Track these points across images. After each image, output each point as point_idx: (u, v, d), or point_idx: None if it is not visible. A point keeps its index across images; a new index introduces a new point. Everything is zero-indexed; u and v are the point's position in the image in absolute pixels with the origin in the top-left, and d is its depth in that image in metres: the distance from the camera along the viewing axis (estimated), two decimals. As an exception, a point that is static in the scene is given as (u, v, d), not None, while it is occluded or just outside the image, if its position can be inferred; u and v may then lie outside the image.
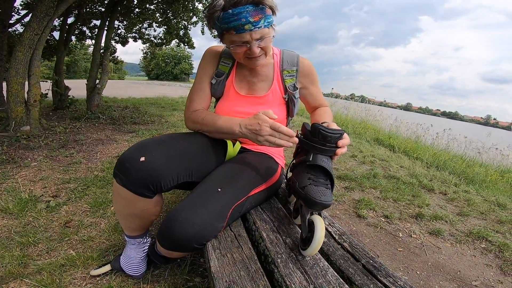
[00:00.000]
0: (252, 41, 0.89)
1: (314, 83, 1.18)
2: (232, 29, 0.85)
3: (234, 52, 0.95)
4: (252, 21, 0.84)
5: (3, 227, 1.41)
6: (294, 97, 1.11)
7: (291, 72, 1.11)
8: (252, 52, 0.91)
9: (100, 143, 3.07)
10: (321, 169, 0.79)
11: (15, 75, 2.97)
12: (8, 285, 1.06)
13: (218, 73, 1.11)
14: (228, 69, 1.10)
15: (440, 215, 2.05)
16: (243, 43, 0.90)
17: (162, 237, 0.82)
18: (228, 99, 1.10)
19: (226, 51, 1.12)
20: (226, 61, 1.11)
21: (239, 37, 0.88)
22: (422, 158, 4.15)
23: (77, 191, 1.85)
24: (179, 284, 1.12)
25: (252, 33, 0.87)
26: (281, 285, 0.65)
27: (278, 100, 1.11)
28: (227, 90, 1.11)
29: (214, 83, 1.11)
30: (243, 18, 0.83)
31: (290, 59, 1.12)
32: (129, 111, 5.26)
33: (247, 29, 0.85)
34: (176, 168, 0.87)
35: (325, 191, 0.75)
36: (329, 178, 0.79)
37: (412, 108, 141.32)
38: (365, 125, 6.59)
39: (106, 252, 1.28)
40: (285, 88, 1.11)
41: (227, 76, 1.11)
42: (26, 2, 4.66)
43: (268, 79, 1.11)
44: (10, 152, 2.46)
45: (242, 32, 0.86)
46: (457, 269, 1.52)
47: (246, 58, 0.97)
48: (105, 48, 4.85)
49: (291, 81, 1.11)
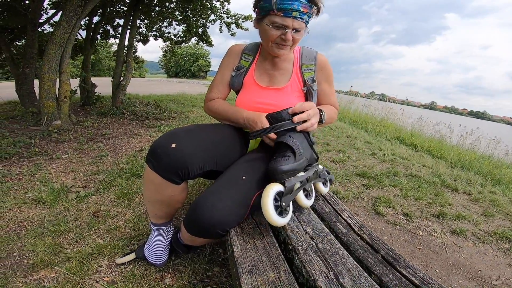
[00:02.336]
0: (290, 28, 0.96)
1: (328, 80, 1.21)
2: (282, 10, 0.93)
3: (270, 33, 1.00)
4: (301, 10, 0.93)
5: (36, 216, 1.50)
6: (312, 89, 1.15)
7: (309, 66, 1.16)
8: (286, 37, 0.98)
9: (124, 137, 3.20)
10: (284, 144, 0.92)
11: (47, 72, 3.15)
12: (39, 273, 1.12)
13: (239, 67, 1.19)
14: (248, 64, 1.18)
15: (463, 215, 1.99)
16: (283, 26, 0.96)
17: (188, 222, 0.87)
18: (249, 91, 1.16)
19: (248, 47, 1.20)
20: (247, 56, 1.19)
21: (282, 20, 0.95)
22: (446, 157, 4.02)
23: (104, 182, 1.96)
24: (198, 273, 1.17)
25: (295, 21, 0.95)
26: (301, 271, 0.68)
27: (297, 92, 1.15)
28: (247, 82, 1.17)
29: (234, 75, 1.19)
30: (295, 5, 0.92)
31: (309, 54, 1.18)
32: (151, 107, 5.43)
33: (294, 15, 0.94)
34: (203, 157, 0.92)
35: (280, 160, 0.86)
36: (290, 149, 0.90)
37: (437, 107, 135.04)
38: (385, 123, 6.43)
39: (130, 241, 1.34)
40: (304, 81, 1.15)
41: (247, 70, 1.18)
42: (54, 1, 4.85)
43: (287, 72, 1.16)
44: (43, 145, 2.62)
45: (288, 16, 0.94)
46: (478, 268, 1.48)
47: (274, 44, 1.03)
48: (128, 46, 5.02)
49: (310, 75, 1.16)
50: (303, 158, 0.92)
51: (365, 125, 6.22)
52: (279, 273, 0.66)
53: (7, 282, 1.06)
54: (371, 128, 5.87)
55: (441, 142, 5.21)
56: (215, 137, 1.00)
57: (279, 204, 0.79)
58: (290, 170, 0.84)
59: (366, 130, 5.75)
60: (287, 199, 0.82)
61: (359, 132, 5.17)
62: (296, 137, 0.93)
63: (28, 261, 1.18)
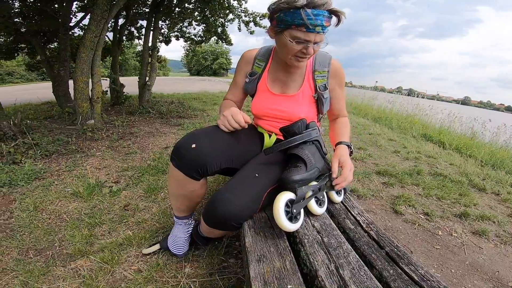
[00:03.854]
0: (312, 42, 0.96)
1: (341, 86, 1.22)
2: (304, 26, 0.91)
3: (291, 47, 0.99)
4: (324, 25, 0.92)
5: (75, 209, 1.66)
6: (322, 97, 1.16)
7: (322, 73, 1.16)
8: (308, 52, 0.98)
9: (151, 136, 3.39)
10: (296, 156, 0.99)
11: (80, 75, 3.38)
12: (76, 262, 1.25)
13: (252, 73, 1.24)
14: (261, 70, 1.22)
15: (488, 215, 1.93)
16: (305, 41, 0.96)
17: (207, 214, 0.96)
18: (262, 97, 1.22)
19: (260, 53, 1.24)
20: (260, 63, 1.23)
21: (305, 35, 0.94)
22: (476, 155, 3.83)
23: (133, 178, 2.11)
24: (215, 264, 1.26)
25: (317, 35, 0.94)
26: (305, 262, 0.74)
27: (308, 98, 1.17)
28: (260, 89, 1.22)
29: (248, 81, 1.24)
30: (319, 20, 0.90)
31: (323, 60, 1.17)
32: (175, 106, 5.66)
33: (317, 30, 0.93)
34: (219, 156, 1.02)
35: (292, 170, 0.93)
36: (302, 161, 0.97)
37: (471, 102, 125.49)
38: (411, 120, 6.20)
39: (156, 233, 1.46)
40: (315, 87, 1.17)
41: (260, 76, 1.22)
42: (81, 5, 5.12)
43: (299, 79, 1.18)
44: (79, 143, 2.86)
45: (312, 31, 0.93)
46: (496, 269, 1.45)
47: (294, 57, 1.03)
48: (152, 47, 5.24)
49: (322, 81, 1.16)
50: (315, 168, 0.98)
51: (389, 121, 6.04)
52: (284, 262, 0.72)
53: (48, 270, 1.19)
54: (395, 125, 5.70)
55: (473, 140, 4.95)
56: (231, 137, 1.08)
57: (290, 211, 0.85)
58: (301, 180, 0.91)
59: (390, 127, 5.59)
60: (298, 206, 0.87)
61: (382, 129, 5.04)
62: (308, 149, 1.00)
63: (67, 251, 1.31)
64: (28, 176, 2.01)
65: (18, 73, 17.32)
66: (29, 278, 1.14)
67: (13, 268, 1.19)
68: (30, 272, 1.17)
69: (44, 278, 1.15)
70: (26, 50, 5.67)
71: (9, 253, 1.28)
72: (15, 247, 1.33)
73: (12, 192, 1.82)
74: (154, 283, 1.13)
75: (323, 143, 1.09)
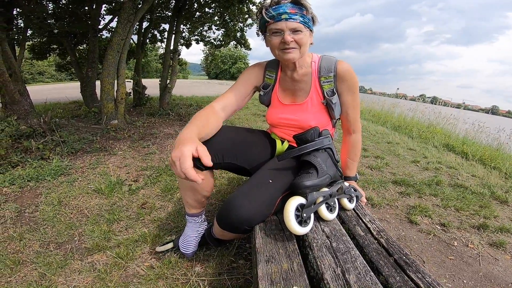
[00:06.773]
0: (286, 30, 1.01)
1: (351, 91, 1.16)
2: (271, 17, 1.02)
3: (273, 42, 1.06)
4: (288, 11, 1.00)
5: (96, 205, 1.75)
6: (331, 102, 1.15)
7: (328, 78, 1.14)
8: (285, 39, 1.02)
9: (170, 137, 3.51)
10: (308, 162, 1.03)
11: (106, 76, 3.56)
12: (93, 256, 1.31)
13: (264, 85, 1.27)
14: (273, 81, 1.25)
15: (508, 228, 1.86)
16: (278, 30, 1.03)
17: (220, 217, 1.00)
18: (275, 108, 1.26)
19: (269, 64, 1.26)
20: (270, 74, 1.25)
21: (276, 25, 1.02)
22: (500, 167, 3.66)
23: (152, 177, 2.20)
24: (225, 264, 1.29)
25: (288, 22, 1.00)
26: (313, 265, 0.76)
27: (317, 105, 1.18)
28: (273, 99, 1.26)
29: (262, 94, 1.28)
30: (281, 9, 1.00)
31: (328, 65, 1.14)
32: (193, 108, 5.81)
33: (283, 18, 1.00)
34: (222, 147, 1.11)
35: (304, 176, 0.97)
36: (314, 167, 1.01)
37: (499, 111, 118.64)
38: (433, 129, 6.01)
39: (170, 232, 1.51)
40: (323, 93, 1.16)
41: (273, 87, 1.26)
42: (109, 8, 5.36)
43: (306, 87, 1.18)
44: (102, 142, 3.01)
45: (279, 20, 1.01)
46: (510, 281, 1.40)
47: (280, 51, 1.07)
48: (173, 51, 5.41)
49: (330, 87, 1.14)
50: (326, 175, 1.01)
51: (409, 130, 5.89)
52: (292, 264, 0.75)
53: (66, 264, 1.26)
54: (416, 134, 5.55)
55: (498, 151, 4.73)
56: (237, 135, 1.16)
57: (300, 215, 0.88)
58: (312, 186, 0.94)
59: (410, 136, 5.44)
60: (308, 211, 0.90)
61: (401, 138, 4.93)
62: (320, 156, 1.04)
63: (85, 245, 1.38)
64: (54, 171, 2.14)
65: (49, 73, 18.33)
66: (47, 270, 1.20)
67: (33, 260, 1.26)
68: (48, 265, 1.23)
69: (61, 270, 1.22)
70: (57, 51, 5.99)
71: (31, 246, 1.37)
72: (37, 239, 1.41)
73: (39, 187, 1.95)
74: (164, 280, 1.18)
75: (335, 151, 1.11)
